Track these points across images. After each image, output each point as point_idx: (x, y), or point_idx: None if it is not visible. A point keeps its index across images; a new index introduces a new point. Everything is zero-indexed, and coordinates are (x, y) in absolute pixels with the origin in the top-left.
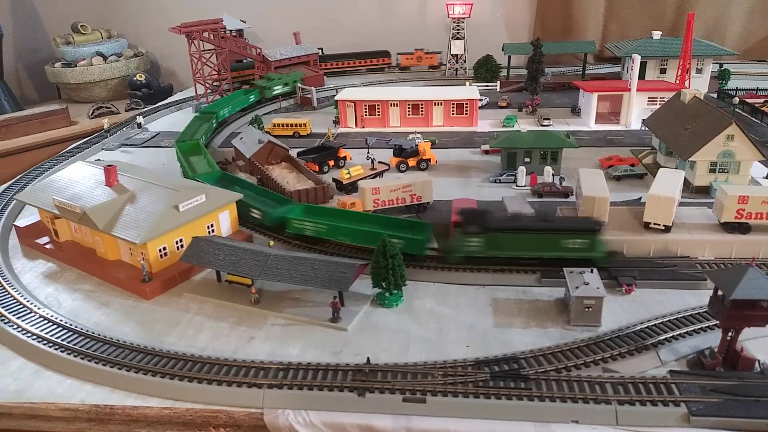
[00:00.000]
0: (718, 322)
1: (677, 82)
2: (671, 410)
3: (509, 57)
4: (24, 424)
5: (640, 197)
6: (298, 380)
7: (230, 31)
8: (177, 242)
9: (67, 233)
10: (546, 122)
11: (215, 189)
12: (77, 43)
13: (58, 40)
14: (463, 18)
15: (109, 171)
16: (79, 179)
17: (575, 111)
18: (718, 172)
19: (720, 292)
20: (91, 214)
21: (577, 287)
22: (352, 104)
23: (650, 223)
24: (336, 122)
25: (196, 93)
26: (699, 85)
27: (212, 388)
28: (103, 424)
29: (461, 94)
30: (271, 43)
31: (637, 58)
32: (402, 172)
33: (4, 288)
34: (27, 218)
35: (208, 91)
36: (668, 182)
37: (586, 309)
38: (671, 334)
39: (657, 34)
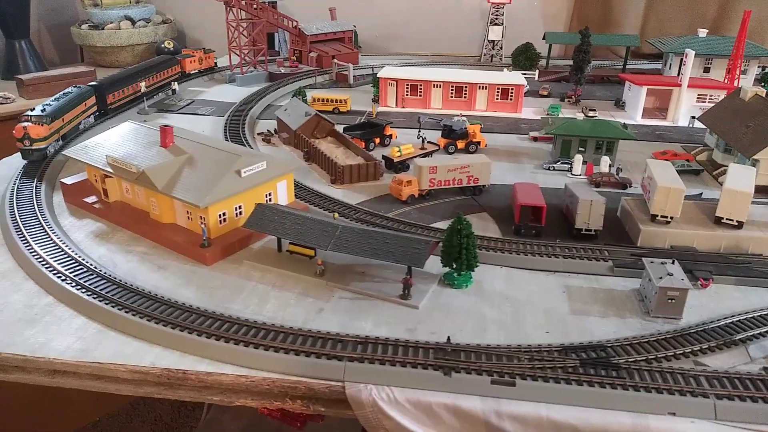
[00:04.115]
0: None
1: (726, 81)
2: None
3: (550, 46)
4: (89, 385)
5: (701, 192)
6: (379, 355)
7: (265, 2)
8: (236, 208)
9: (118, 193)
10: (591, 113)
11: (274, 157)
12: (105, 6)
13: (85, 1)
14: (504, 3)
15: (166, 131)
16: (131, 138)
17: (619, 104)
18: None
19: None
20: (150, 174)
21: (660, 278)
22: (394, 83)
23: (722, 218)
24: (375, 100)
25: (231, 62)
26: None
27: (290, 358)
28: (172, 389)
29: (507, 79)
30: (304, 18)
31: (691, 54)
32: (450, 153)
33: (59, 246)
34: (71, 176)
35: (243, 61)
36: (742, 177)
37: (669, 300)
38: (758, 331)
39: (703, 32)
